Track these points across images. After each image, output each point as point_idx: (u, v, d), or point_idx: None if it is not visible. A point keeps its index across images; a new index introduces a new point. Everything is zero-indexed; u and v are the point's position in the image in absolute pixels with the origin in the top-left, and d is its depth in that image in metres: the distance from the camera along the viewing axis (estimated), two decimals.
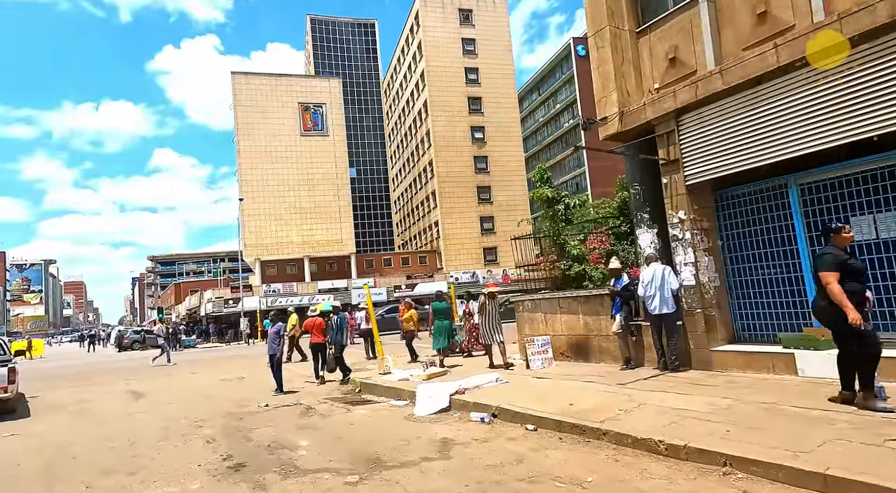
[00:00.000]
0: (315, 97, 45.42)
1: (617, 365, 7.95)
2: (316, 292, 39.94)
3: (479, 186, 48.21)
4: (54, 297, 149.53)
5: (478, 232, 47.95)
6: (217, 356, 21.74)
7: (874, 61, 5.19)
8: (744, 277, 6.99)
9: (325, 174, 45.12)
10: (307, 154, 44.84)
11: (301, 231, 44.24)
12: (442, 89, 47.84)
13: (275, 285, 39.55)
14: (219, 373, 13.98)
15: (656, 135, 7.31)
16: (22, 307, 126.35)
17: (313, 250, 44.52)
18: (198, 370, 15.52)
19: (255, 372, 12.82)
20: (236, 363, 16.98)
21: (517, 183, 49.23)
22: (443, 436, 5.51)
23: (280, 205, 43.90)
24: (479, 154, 48.50)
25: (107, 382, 14.04)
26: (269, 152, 43.91)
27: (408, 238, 58.96)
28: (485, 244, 48.08)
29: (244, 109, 43.87)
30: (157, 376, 14.77)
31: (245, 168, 43.55)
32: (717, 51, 6.77)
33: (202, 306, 40.59)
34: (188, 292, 56.09)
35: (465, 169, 47.86)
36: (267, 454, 5.36)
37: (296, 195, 44.27)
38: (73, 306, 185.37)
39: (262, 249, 43.69)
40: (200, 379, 13.14)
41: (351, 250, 45.52)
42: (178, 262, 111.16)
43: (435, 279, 43.55)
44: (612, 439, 4.60)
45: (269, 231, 43.63)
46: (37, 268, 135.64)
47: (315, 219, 44.57)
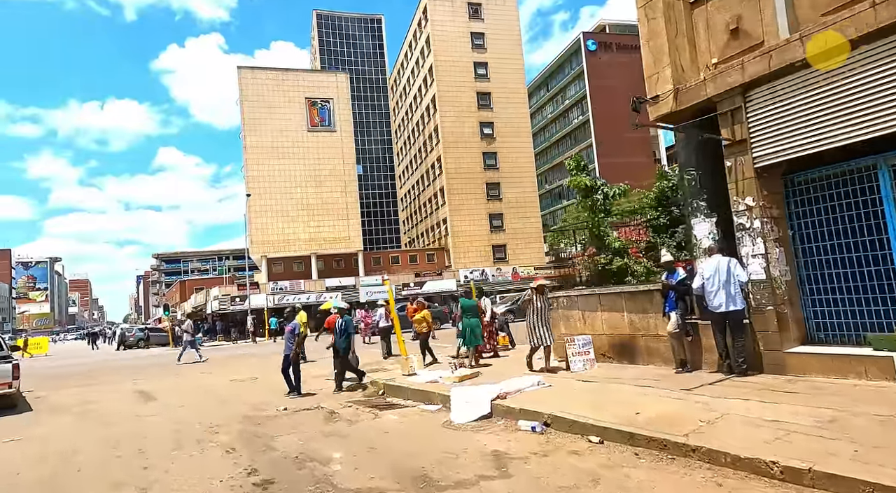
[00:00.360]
0: (322, 92, 44.78)
1: (668, 368, 7.27)
2: (324, 290, 39.37)
3: (488, 183, 47.48)
4: (60, 295, 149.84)
5: (486, 229, 47.24)
6: (226, 355, 21.19)
7: None
8: (818, 270, 6.28)
9: (333, 170, 44.50)
10: (314, 150, 44.23)
11: (308, 228, 43.65)
12: (451, 84, 47.12)
13: (282, 283, 39.00)
14: (229, 373, 13.38)
15: (718, 113, 6.62)
16: (28, 305, 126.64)
17: (320, 247, 43.95)
18: (208, 370, 14.93)
19: (267, 372, 12.21)
20: (246, 363, 16.39)
21: (527, 180, 48.48)
22: (493, 448, 4.86)
23: (287, 201, 43.32)
24: (489, 150, 47.76)
25: (113, 381, 13.47)
26: (276, 148, 43.33)
27: (415, 236, 58.34)
28: (494, 242, 47.37)
29: (250, 104, 43.29)
30: (165, 375, 14.18)
31: (252, 164, 42.99)
32: (791, 17, 6.07)
33: (208, 304, 40.12)
34: (193, 290, 55.91)
35: (474, 165, 47.15)
36: (296, 468, 4.72)
37: (303, 192, 43.68)
38: (79, 303, 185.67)
39: (269, 246, 43.15)
40: (211, 379, 12.54)
41: (358, 248, 44.92)
42: (183, 260, 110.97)
43: (444, 277, 42.95)
44: (705, 456, 3.93)
45: (275, 228, 43.07)
46: (42, 266, 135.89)
47: (322, 216, 43.97)
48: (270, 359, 15.43)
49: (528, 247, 47.78)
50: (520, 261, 46.45)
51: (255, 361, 16.84)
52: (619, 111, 56.62)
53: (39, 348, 33.38)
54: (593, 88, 57.55)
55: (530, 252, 47.62)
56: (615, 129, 53.52)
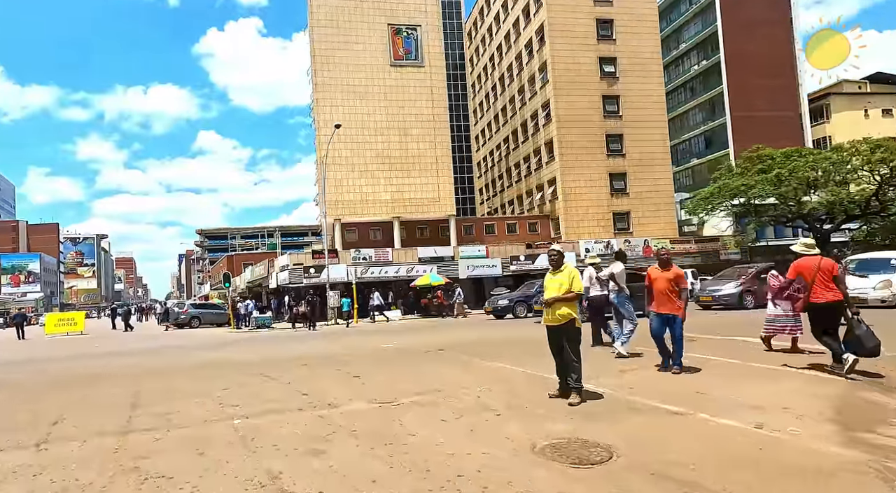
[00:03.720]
0: (409, 17, 36.04)
1: None
2: (416, 261, 31.16)
3: (608, 134, 37.94)
4: (106, 271, 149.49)
5: (606, 192, 37.86)
6: (349, 350, 13.02)
7: None
8: None
9: (420, 115, 35.94)
10: (398, 89, 35.73)
11: (390, 187, 35.43)
12: (563, 8, 37.48)
13: (365, 251, 30.96)
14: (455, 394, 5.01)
15: None
16: (76, 280, 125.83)
17: (405, 210, 35.69)
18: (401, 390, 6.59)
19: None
20: (430, 365, 8.01)
21: (656, 131, 38.62)
22: None
23: (365, 153, 35.15)
24: (609, 93, 38.10)
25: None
26: (352, 86, 35.06)
27: (498, 205, 49.43)
28: (615, 208, 37.97)
29: (322, 31, 35.02)
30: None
31: (322, 106, 34.89)
32: None
33: (272, 277, 32.56)
34: (241, 266, 50.38)
35: (591, 112, 37.65)
36: None
37: (385, 141, 35.39)
38: (125, 281, 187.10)
39: (343, 207, 35.19)
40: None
41: (450, 212, 36.43)
42: (230, 235, 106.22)
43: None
44: None
45: (350, 186, 35.04)
46: (89, 242, 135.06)
47: (407, 172, 35.62)
48: (421, 360, 7.08)
49: (657, 215, 38.18)
50: (646, 232, 36.95)
51: (435, 364, 8.43)
52: (758, 53, 45.66)
53: (71, 325, 26.49)
54: (728, 23, 46.51)
55: (660, 221, 38.05)
56: (753, 75, 42.88)
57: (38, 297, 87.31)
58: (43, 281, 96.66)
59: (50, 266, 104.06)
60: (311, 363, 9.32)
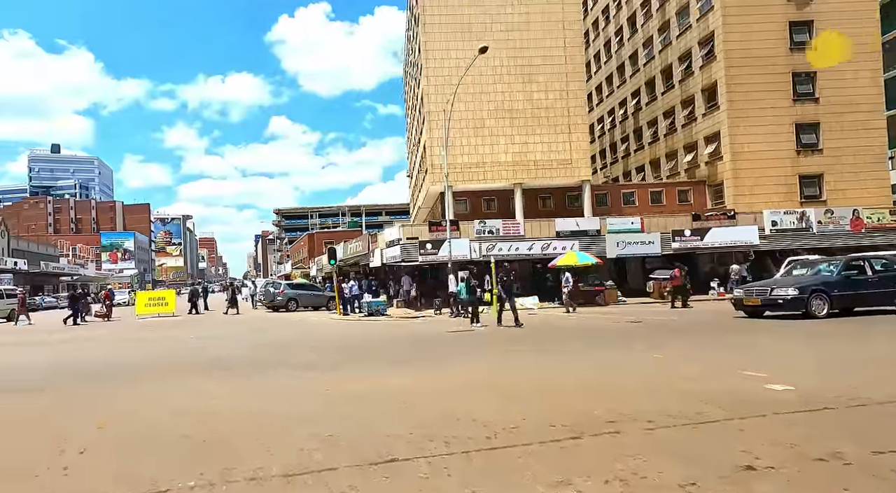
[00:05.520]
0: None
1: None
2: (553, 235, 24.75)
3: (795, 73, 28.96)
4: (191, 250, 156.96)
5: (790, 149, 29.11)
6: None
7: None
8: None
9: (549, 58, 29.00)
10: (520, 24, 28.93)
11: (511, 147, 29.00)
12: None
13: (491, 223, 24.95)
14: None
15: None
16: (165, 258, 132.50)
17: (528, 175, 29.19)
18: None
19: None
20: None
21: (862, 62, 28.99)
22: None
23: (481, 105, 28.89)
24: (799, 18, 28.95)
25: None
26: (465, 24, 28.71)
27: (620, 172, 41.49)
28: (802, 169, 29.18)
29: None
30: None
31: (431, 49, 28.89)
32: None
33: (374, 254, 27.54)
34: (322, 244, 47.85)
35: (774, 44, 28.79)
36: None
37: (505, 91, 28.89)
38: (207, 260, 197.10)
39: (453, 173, 29.29)
40: None
41: (585, 177, 29.45)
42: (308, 215, 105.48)
43: (738, 222, 26.08)
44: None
45: (462, 147, 29.00)
46: (176, 222, 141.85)
47: (532, 129, 28.99)
48: None
49: (861, 178, 28.91)
50: (845, 200, 27.91)
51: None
52: None
53: (162, 305, 22.87)
54: None
55: (865, 187, 28.79)
56: None
57: (133, 273, 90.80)
58: (137, 259, 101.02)
59: (143, 245, 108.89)
60: None
